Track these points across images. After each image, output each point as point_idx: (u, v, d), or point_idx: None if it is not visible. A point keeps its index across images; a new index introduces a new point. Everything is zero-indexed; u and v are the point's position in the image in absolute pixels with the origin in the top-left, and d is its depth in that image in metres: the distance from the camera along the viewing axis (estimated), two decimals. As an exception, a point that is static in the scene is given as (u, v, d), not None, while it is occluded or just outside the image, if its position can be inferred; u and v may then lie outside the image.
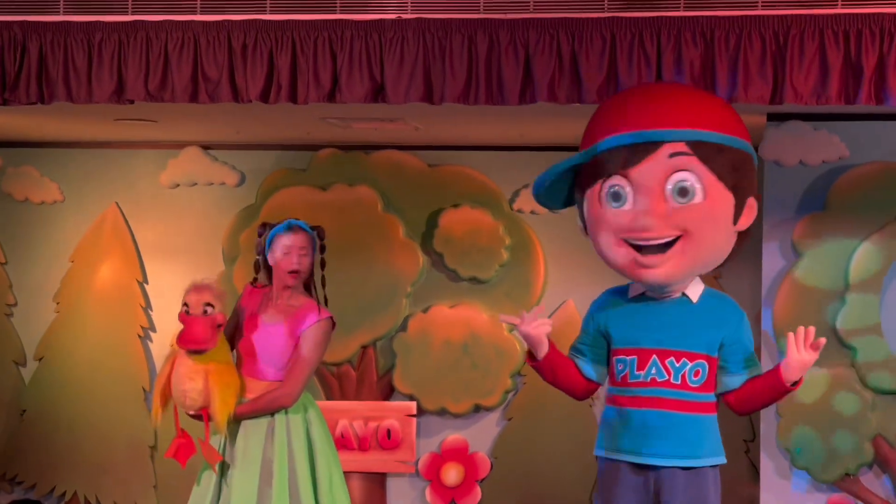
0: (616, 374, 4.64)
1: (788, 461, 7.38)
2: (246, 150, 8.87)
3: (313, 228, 5.91)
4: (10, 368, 8.98)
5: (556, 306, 8.34)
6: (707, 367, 4.54)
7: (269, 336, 5.69)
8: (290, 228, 5.82)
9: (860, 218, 7.31)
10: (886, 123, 7.33)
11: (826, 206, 7.39)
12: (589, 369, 4.73)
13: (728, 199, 4.55)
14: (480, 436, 8.52)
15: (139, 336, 8.87)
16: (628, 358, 4.57)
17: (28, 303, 9.00)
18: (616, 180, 4.56)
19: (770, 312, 7.45)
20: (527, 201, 8.51)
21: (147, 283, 8.91)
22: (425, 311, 8.61)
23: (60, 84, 6.48)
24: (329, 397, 8.67)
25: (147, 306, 8.89)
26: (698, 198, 4.51)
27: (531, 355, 4.74)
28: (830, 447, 7.28)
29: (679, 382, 4.49)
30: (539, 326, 4.62)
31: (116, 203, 8.97)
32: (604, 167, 4.59)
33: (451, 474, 8.59)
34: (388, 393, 8.68)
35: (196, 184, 8.94)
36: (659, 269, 4.54)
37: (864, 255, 7.29)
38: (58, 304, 8.96)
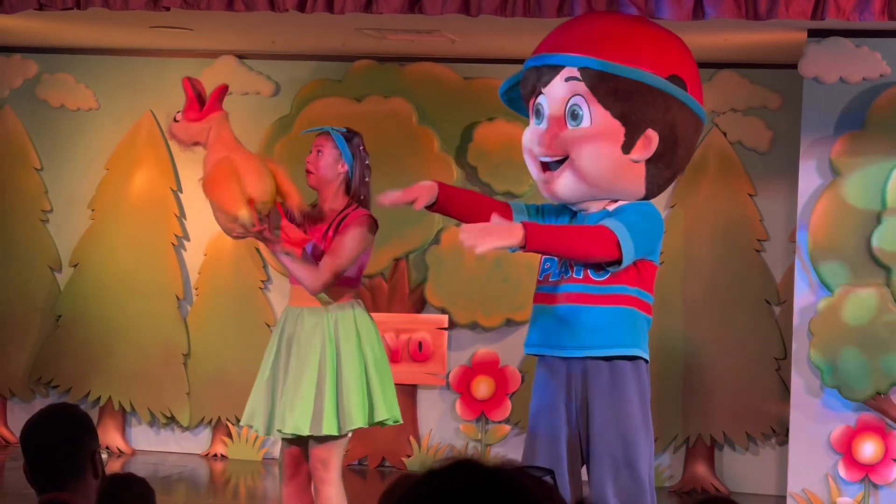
0: (542, 272, 4.85)
1: (819, 380, 7.37)
2: (281, 60, 8.84)
3: (349, 133, 5.61)
4: (46, 274, 9.05)
5: (590, 222, 8.33)
6: None
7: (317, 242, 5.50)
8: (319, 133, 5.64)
9: (900, 137, 7.24)
10: (930, 41, 7.23)
11: (865, 124, 7.32)
12: (516, 206, 4.95)
13: (613, 126, 4.67)
14: (511, 350, 8.55)
15: (173, 245, 8.91)
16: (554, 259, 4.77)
17: (64, 209, 9.05)
18: (539, 99, 4.82)
19: (805, 232, 7.41)
20: (562, 116, 8.45)
21: (181, 192, 8.93)
22: (459, 224, 8.60)
23: (96, -11, 6.45)
24: (361, 309, 8.70)
25: (181, 215, 8.92)
26: (585, 122, 4.69)
27: (430, 205, 5.00)
28: (862, 366, 7.27)
29: (581, 276, 4.66)
30: (410, 192, 4.94)
31: (151, 111, 8.97)
32: (527, 85, 4.89)
33: (482, 387, 8.63)
34: (420, 306, 8.70)
35: (231, 93, 8.86)
36: (551, 185, 4.77)
37: (902, 175, 7.22)
38: (93, 211, 9.00)
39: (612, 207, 4.76)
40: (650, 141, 4.67)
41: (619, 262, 4.57)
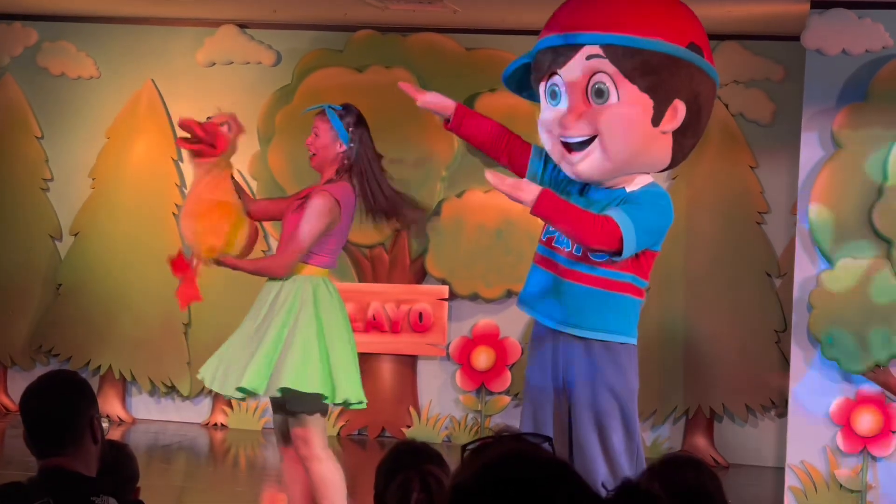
0: (546, 231, 4.83)
1: (818, 352, 7.38)
2: (283, 30, 8.82)
3: (344, 110, 5.56)
4: (47, 243, 9.05)
5: (591, 193, 8.32)
6: None
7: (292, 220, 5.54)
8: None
9: (902, 109, 7.23)
10: (933, 13, 7.21)
11: (868, 96, 7.30)
12: (537, 150, 4.94)
13: (642, 100, 4.67)
14: (512, 321, 8.55)
15: (174, 214, 8.91)
16: None
17: (64, 178, 9.04)
18: (555, 80, 4.78)
19: (807, 204, 7.41)
20: (564, 87, 8.43)
21: (182, 161, 8.93)
22: (459, 195, 8.61)
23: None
24: (361, 279, 8.71)
25: (181, 184, 8.92)
26: (612, 99, 4.68)
27: (446, 121, 4.97)
28: (862, 338, 7.28)
29: (580, 254, 4.67)
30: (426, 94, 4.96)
31: (152, 80, 8.95)
32: (541, 66, 4.83)
33: (482, 358, 8.64)
34: (421, 276, 8.71)
35: (232, 62, 8.90)
36: (578, 166, 4.74)
37: (904, 147, 7.21)
38: (94, 179, 9.00)
39: (629, 188, 4.74)
40: (678, 111, 4.68)
41: (618, 254, 4.58)
